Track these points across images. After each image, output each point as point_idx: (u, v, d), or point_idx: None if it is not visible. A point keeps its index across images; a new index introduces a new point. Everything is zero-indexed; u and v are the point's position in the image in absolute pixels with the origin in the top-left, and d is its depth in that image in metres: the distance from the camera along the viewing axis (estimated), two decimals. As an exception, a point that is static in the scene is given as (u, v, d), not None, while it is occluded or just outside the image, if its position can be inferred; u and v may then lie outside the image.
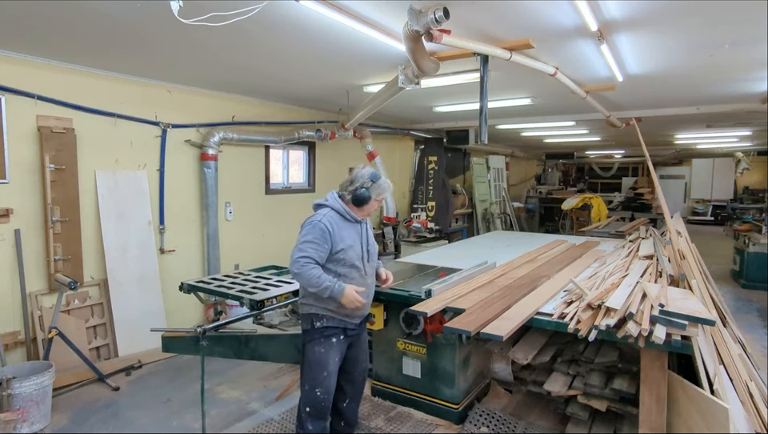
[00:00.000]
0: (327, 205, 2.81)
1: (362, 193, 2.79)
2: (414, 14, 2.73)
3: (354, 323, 2.87)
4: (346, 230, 2.78)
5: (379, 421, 3.52)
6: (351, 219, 2.82)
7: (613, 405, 3.14)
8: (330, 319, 2.78)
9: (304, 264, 2.63)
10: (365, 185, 2.80)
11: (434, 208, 9.07)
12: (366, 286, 2.85)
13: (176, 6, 2.51)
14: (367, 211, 2.87)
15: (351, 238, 2.79)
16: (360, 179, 2.81)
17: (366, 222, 2.99)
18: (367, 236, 2.93)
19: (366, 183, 2.80)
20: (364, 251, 2.86)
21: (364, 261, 2.85)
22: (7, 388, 3.30)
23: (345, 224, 2.79)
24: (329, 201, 2.82)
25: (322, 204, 2.85)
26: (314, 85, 5.38)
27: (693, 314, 2.58)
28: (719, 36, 3.52)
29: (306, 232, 2.70)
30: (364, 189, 2.79)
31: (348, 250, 2.75)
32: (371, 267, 2.93)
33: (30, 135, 4.21)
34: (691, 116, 7.12)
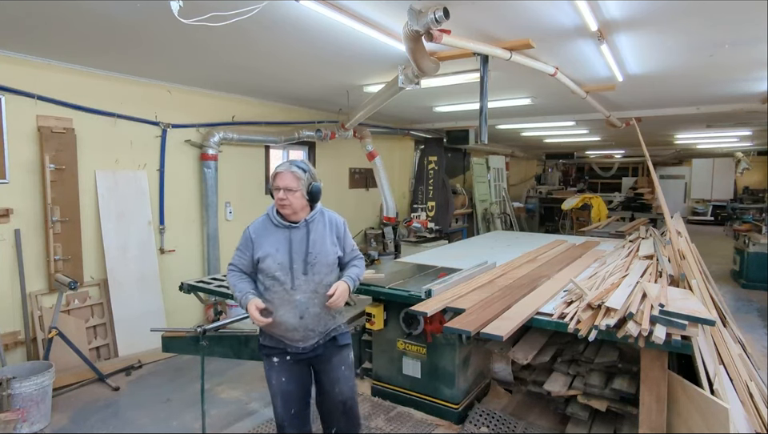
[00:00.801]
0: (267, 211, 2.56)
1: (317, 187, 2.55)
2: (413, 14, 2.73)
3: (296, 347, 2.48)
4: (271, 236, 2.46)
5: (379, 421, 3.52)
6: (278, 224, 2.47)
7: (613, 405, 3.14)
8: (267, 337, 2.52)
9: (228, 271, 2.53)
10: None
11: (434, 208, 9.07)
12: (293, 303, 2.41)
13: (176, 6, 2.51)
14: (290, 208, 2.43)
15: (272, 245, 2.43)
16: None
17: (317, 224, 2.52)
18: (307, 242, 2.45)
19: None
20: (293, 260, 2.41)
21: (293, 273, 2.41)
22: (7, 388, 3.30)
23: (270, 230, 2.47)
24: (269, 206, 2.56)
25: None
26: (314, 85, 5.38)
27: (693, 314, 2.58)
28: (719, 36, 3.52)
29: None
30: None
31: (266, 259, 2.42)
32: (313, 281, 2.44)
33: (30, 135, 4.21)
34: (691, 116, 7.12)
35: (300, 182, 2.41)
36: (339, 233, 2.60)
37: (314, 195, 2.48)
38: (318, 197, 2.52)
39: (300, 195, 2.42)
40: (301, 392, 2.57)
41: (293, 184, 2.39)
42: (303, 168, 2.45)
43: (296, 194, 2.41)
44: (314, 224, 2.50)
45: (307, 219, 2.49)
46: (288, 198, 2.39)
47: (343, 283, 2.47)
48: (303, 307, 2.43)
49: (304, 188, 2.43)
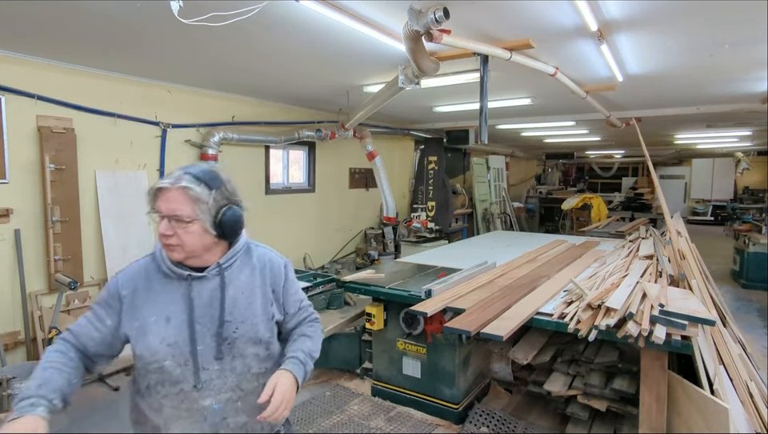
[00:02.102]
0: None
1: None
2: (414, 14, 2.73)
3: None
4: (156, 294, 1.44)
5: (379, 421, 3.52)
6: (169, 273, 1.45)
7: (613, 405, 3.14)
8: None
9: (55, 343, 1.44)
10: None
11: (434, 208, 9.07)
12: (198, 415, 1.45)
13: (176, 6, 2.51)
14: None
15: (159, 311, 1.42)
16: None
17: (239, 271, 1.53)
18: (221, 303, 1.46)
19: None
20: (195, 337, 1.42)
21: (197, 361, 1.41)
22: (7, 388, 3.30)
23: (157, 283, 1.46)
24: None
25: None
26: (314, 85, 5.38)
27: (693, 314, 2.58)
28: (719, 36, 3.52)
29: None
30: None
31: (145, 336, 1.41)
32: (233, 371, 1.47)
33: (30, 135, 4.21)
34: (691, 116, 7.12)
35: (199, 206, 1.39)
36: (277, 284, 1.59)
37: (228, 227, 1.45)
38: (237, 230, 1.50)
39: (199, 229, 1.40)
40: None
41: (185, 210, 1.38)
42: (206, 180, 1.42)
43: (192, 227, 1.39)
44: (233, 272, 1.50)
45: (221, 264, 1.48)
46: (177, 233, 1.38)
47: (285, 378, 1.44)
48: (217, 420, 1.46)
49: (208, 216, 1.40)
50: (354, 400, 3.85)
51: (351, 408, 3.71)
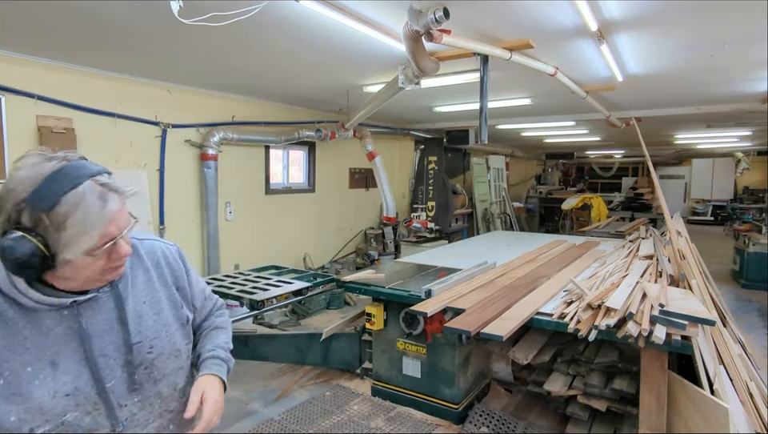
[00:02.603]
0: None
1: (8, 247, 0.95)
2: (413, 14, 2.73)
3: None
4: (20, 338, 1.04)
5: (379, 421, 3.52)
6: (36, 305, 1.05)
7: (613, 405, 3.14)
8: None
9: None
10: (22, 218, 0.97)
11: (434, 208, 9.07)
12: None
13: (176, 6, 2.52)
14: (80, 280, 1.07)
15: (42, 356, 1.05)
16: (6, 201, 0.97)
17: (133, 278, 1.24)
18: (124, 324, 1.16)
19: (26, 216, 0.97)
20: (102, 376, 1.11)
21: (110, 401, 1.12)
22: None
23: (24, 321, 1.05)
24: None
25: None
26: (313, 85, 5.38)
27: (693, 314, 2.58)
28: (719, 36, 3.52)
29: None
30: (16, 236, 0.95)
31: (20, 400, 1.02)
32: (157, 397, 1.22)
33: (30, 135, 4.21)
34: (691, 116, 7.12)
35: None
36: (180, 279, 1.33)
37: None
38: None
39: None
40: None
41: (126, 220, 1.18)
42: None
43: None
44: (125, 282, 1.21)
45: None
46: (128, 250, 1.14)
47: (212, 384, 1.28)
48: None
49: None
50: (354, 400, 3.85)
51: (351, 408, 3.71)
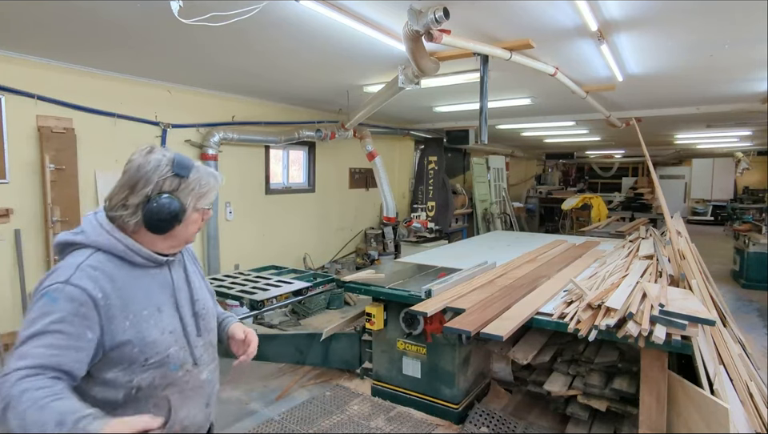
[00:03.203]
0: (86, 243, 1.31)
1: (163, 205, 1.31)
2: (413, 14, 2.73)
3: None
4: (141, 287, 1.34)
5: (379, 421, 3.52)
6: (146, 262, 1.36)
7: (613, 405, 3.14)
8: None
9: (16, 383, 1.11)
10: (165, 186, 1.33)
11: (434, 208, 9.08)
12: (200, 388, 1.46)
13: (176, 6, 2.52)
14: (181, 239, 1.42)
15: (150, 303, 1.35)
16: (152, 176, 1.32)
17: (189, 250, 1.59)
18: (189, 282, 1.49)
19: (168, 181, 1.33)
20: (184, 320, 1.42)
21: (190, 340, 1.42)
22: (7, 388, 3.30)
23: (133, 276, 1.33)
24: (87, 231, 1.33)
25: (71, 241, 1.33)
26: (313, 85, 5.38)
27: (693, 314, 2.58)
28: (719, 36, 3.52)
29: (36, 312, 1.20)
30: (166, 196, 1.32)
31: (141, 335, 1.30)
32: (210, 343, 1.52)
33: (30, 135, 4.21)
34: (691, 116, 7.12)
35: None
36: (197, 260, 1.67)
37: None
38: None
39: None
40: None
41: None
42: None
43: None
44: (182, 254, 1.53)
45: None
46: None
47: (242, 325, 1.68)
48: (210, 389, 1.51)
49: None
50: (354, 400, 3.85)
51: (351, 408, 3.71)
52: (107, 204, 1.36)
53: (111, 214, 1.34)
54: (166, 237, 1.38)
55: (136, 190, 1.31)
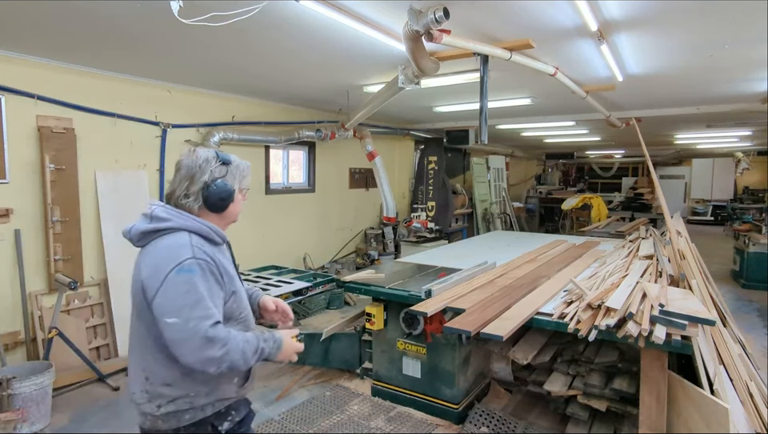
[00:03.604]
0: (176, 227, 1.57)
1: (221, 187, 1.64)
2: (413, 14, 2.73)
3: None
4: (225, 262, 1.66)
5: (379, 421, 3.52)
6: (220, 240, 1.68)
7: (613, 405, 3.14)
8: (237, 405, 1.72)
9: (220, 333, 1.47)
10: (217, 173, 1.65)
11: (434, 208, 9.07)
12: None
13: (176, 6, 2.51)
14: (232, 217, 1.75)
15: (232, 274, 1.68)
16: (206, 167, 1.63)
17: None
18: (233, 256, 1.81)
19: (218, 169, 1.66)
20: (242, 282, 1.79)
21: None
22: (7, 388, 3.30)
23: (218, 252, 1.65)
24: (172, 218, 1.58)
25: (162, 227, 1.57)
26: (313, 85, 5.38)
27: (693, 314, 2.58)
28: (719, 36, 3.52)
29: (186, 284, 1.47)
30: (220, 180, 1.65)
31: (239, 299, 1.69)
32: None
33: (30, 135, 4.21)
34: (691, 116, 7.12)
35: None
36: None
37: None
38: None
39: None
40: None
41: None
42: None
43: None
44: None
45: None
46: None
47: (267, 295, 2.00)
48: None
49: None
50: (354, 400, 3.85)
51: (351, 408, 3.71)
52: (170, 194, 1.66)
53: (177, 203, 1.63)
54: (222, 216, 1.69)
55: (195, 180, 1.62)
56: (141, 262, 1.57)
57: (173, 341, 1.45)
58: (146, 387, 1.57)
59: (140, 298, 1.53)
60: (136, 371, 1.62)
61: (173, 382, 1.54)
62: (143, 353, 1.58)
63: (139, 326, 1.58)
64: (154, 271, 1.49)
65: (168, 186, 1.69)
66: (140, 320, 1.57)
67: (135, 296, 1.57)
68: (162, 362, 1.53)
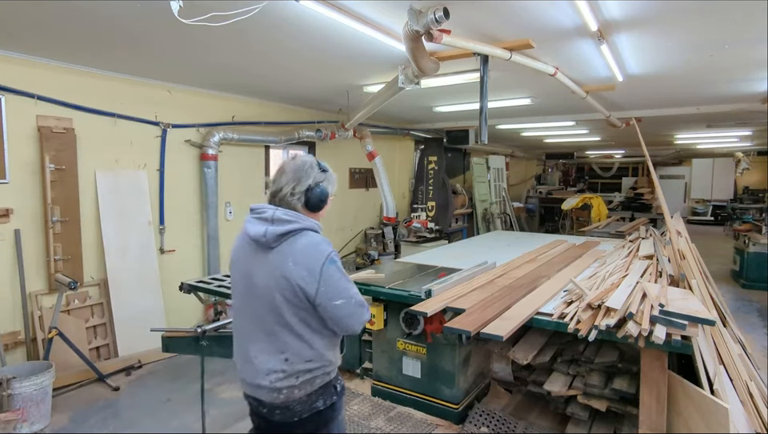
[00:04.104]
0: (303, 227, 1.84)
1: (322, 190, 1.90)
2: (413, 14, 2.73)
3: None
4: None
5: (379, 421, 3.52)
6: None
7: (613, 405, 3.14)
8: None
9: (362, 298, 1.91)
10: (318, 178, 1.90)
11: (434, 208, 9.07)
12: None
13: (176, 6, 2.51)
14: (321, 216, 1.99)
15: None
16: (310, 172, 1.89)
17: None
18: None
19: (319, 175, 1.91)
20: None
21: None
22: (7, 388, 3.30)
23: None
24: (297, 220, 1.83)
25: (294, 229, 1.82)
26: (313, 85, 5.38)
27: (693, 314, 2.58)
28: (719, 36, 3.52)
29: (339, 270, 1.84)
30: (322, 184, 1.91)
31: None
32: None
33: (30, 135, 4.21)
34: (691, 116, 7.12)
35: None
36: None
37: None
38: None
39: None
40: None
41: None
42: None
43: None
44: None
45: None
46: None
47: None
48: None
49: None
50: (354, 400, 3.85)
51: (351, 408, 3.71)
52: (275, 195, 1.88)
53: (283, 200, 1.87)
54: (315, 214, 1.92)
55: (301, 182, 1.86)
56: (284, 264, 1.78)
57: (342, 317, 1.80)
58: (284, 366, 1.81)
59: (291, 294, 1.77)
60: (268, 358, 1.82)
61: (313, 358, 1.83)
62: (283, 339, 1.81)
63: (278, 319, 1.80)
64: (309, 271, 1.76)
65: (272, 185, 1.91)
66: (282, 314, 1.79)
67: (279, 293, 1.78)
68: (306, 343, 1.81)
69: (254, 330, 1.85)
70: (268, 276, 1.79)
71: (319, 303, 1.76)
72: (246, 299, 1.87)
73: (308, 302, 1.77)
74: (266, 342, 1.82)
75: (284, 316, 1.78)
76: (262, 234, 1.79)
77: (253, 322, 1.85)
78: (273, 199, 1.89)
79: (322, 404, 1.89)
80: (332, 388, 1.93)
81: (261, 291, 1.80)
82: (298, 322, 1.79)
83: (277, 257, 1.78)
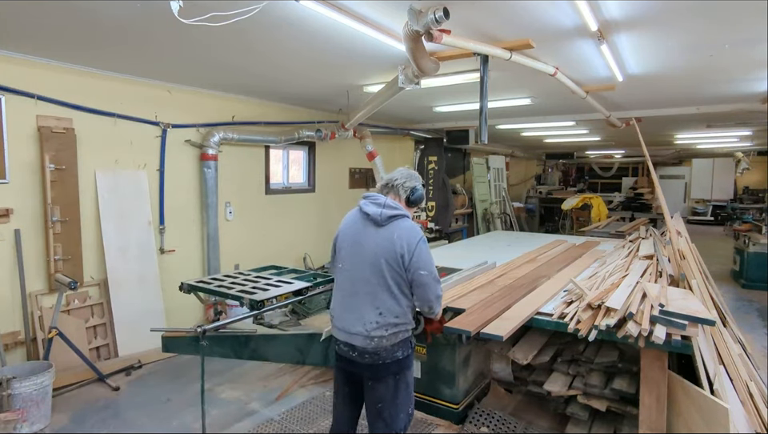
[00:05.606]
0: (404, 214, 2.45)
1: (420, 192, 2.56)
2: (413, 14, 2.73)
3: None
4: None
5: (379, 421, 3.51)
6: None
7: (613, 405, 3.14)
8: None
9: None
10: (419, 186, 2.58)
11: (434, 208, 9.07)
12: None
13: (176, 6, 2.51)
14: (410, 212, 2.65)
15: None
16: (416, 179, 2.57)
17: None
18: None
19: (420, 186, 2.58)
20: None
21: None
22: (7, 388, 3.30)
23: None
24: (400, 208, 2.45)
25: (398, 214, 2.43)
26: (313, 85, 5.38)
27: (693, 314, 2.58)
28: (719, 36, 3.52)
29: (426, 250, 2.39)
30: (421, 191, 2.58)
31: None
32: None
33: (30, 135, 4.21)
34: (691, 116, 7.12)
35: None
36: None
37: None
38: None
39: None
40: None
41: None
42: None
43: None
44: None
45: None
46: None
47: None
48: None
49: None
50: (354, 400, 3.84)
51: (351, 408, 3.71)
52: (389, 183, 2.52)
53: (393, 185, 2.51)
54: (410, 209, 2.53)
55: (410, 181, 2.53)
56: (391, 236, 2.35)
57: (424, 284, 2.34)
58: (378, 319, 2.33)
59: (393, 259, 2.32)
60: (366, 310, 2.35)
61: (399, 314, 2.36)
62: (380, 296, 2.34)
63: (379, 279, 2.34)
64: (408, 245, 2.32)
65: (386, 176, 2.56)
66: (383, 275, 2.33)
67: (384, 258, 2.33)
68: (396, 301, 2.35)
69: (356, 287, 2.38)
70: (377, 245, 2.34)
71: (409, 268, 2.31)
72: (354, 262, 2.40)
73: (402, 268, 2.31)
74: (366, 298, 2.35)
75: (385, 277, 2.32)
76: (378, 214, 2.38)
77: (357, 281, 2.38)
78: (385, 187, 2.51)
79: (401, 354, 2.40)
80: (408, 343, 2.46)
81: (368, 256, 2.35)
82: (393, 284, 2.33)
83: (386, 232, 2.36)
